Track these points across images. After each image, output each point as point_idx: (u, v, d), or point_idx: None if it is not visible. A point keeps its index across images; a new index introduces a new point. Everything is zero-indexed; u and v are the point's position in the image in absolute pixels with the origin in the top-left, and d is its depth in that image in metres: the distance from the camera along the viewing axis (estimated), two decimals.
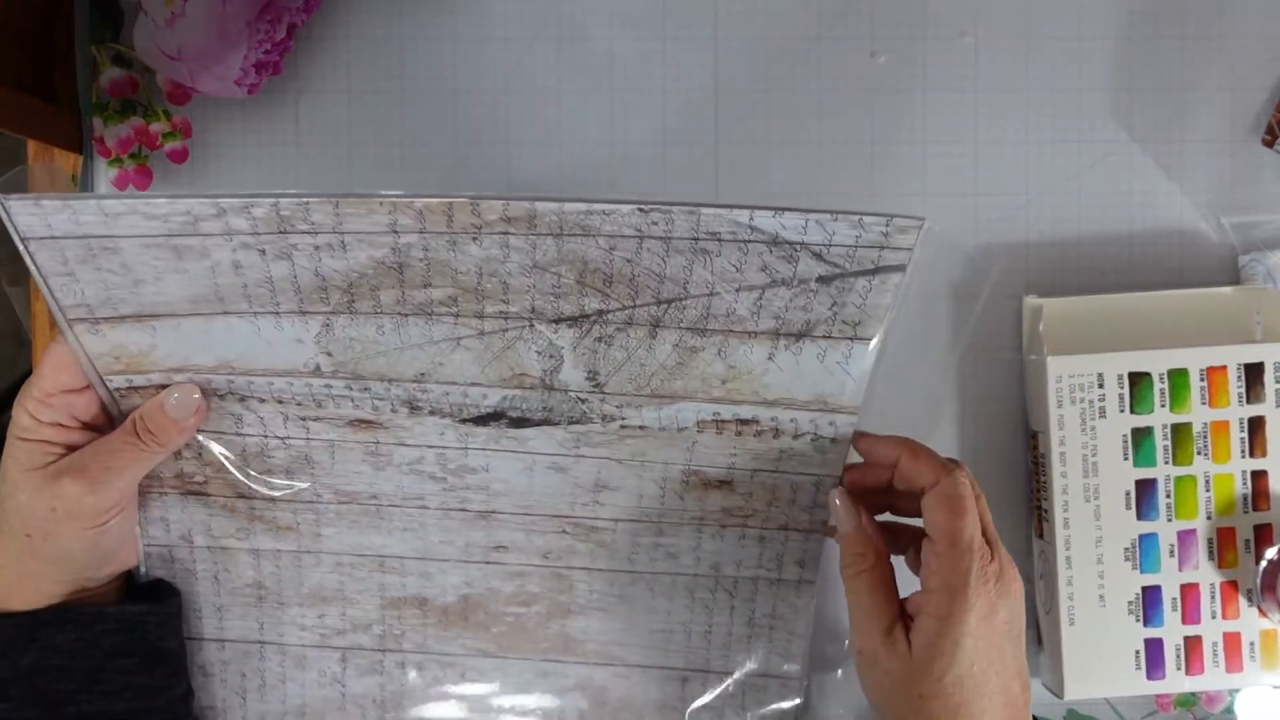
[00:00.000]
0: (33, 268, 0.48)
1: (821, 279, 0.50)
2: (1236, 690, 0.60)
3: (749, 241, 0.49)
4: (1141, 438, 0.57)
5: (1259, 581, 0.57)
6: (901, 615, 0.49)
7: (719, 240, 0.49)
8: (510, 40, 0.59)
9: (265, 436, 0.53)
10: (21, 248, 0.48)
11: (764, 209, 0.48)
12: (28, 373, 0.51)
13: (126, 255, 0.48)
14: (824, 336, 0.51)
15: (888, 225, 0.48)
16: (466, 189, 0.58)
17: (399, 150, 0.59)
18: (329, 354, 0.51)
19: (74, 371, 0.51)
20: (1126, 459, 0.57)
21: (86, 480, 0.49)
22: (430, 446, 0.54)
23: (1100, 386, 0.57)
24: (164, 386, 0.51)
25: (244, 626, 0.56)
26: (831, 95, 0.60)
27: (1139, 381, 0.57)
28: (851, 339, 0.51)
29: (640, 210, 0.48)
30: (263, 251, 0.48)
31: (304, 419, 0.53)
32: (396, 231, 0.48)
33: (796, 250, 0.49)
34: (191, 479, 0.54)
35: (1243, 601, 0.58)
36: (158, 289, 0.49)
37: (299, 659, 0.57)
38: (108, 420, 0.52)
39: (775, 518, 0.55)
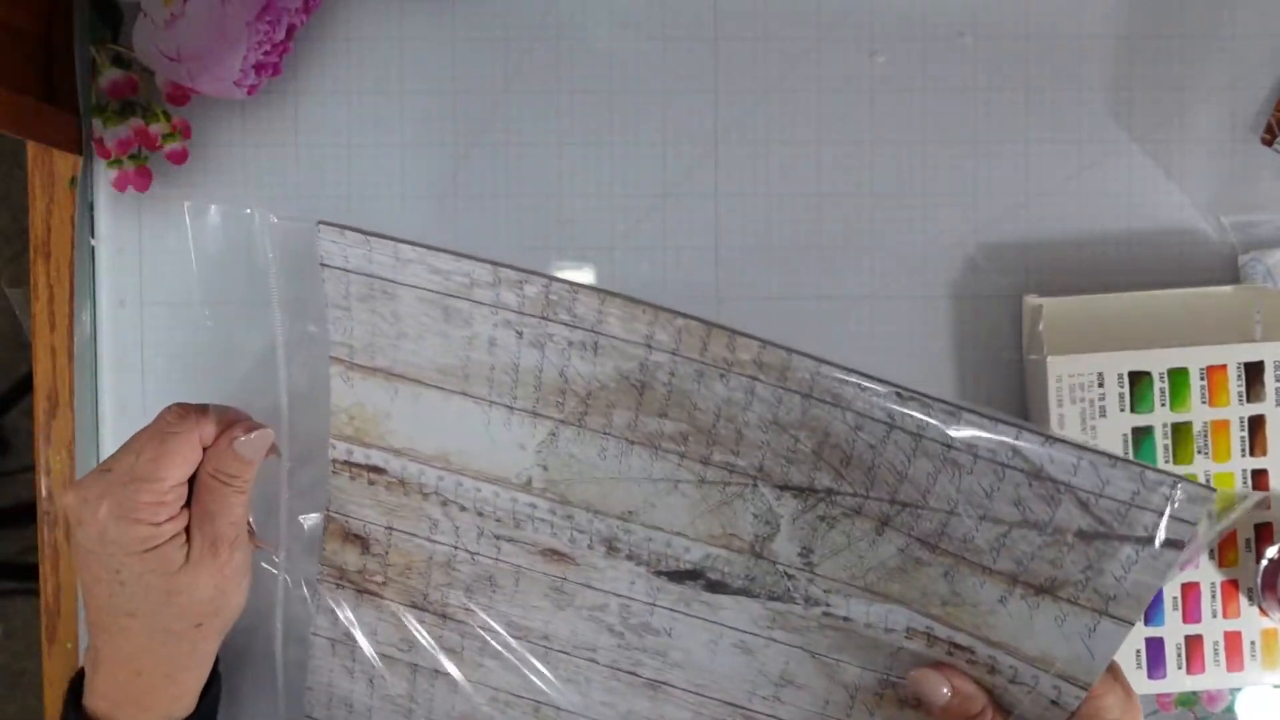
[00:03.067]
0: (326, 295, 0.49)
1: (1081, 533, 0.44)
2: (1237, 690, 0.60)
3: (1007, 466, 0.44)
4: (1142, 437, 0.57)
5: (1259, 580, 0.57)
6: None
7: (975, 456, 0.44)
8: (510, 40, 0.59)
9: (456, 548, 0.52)
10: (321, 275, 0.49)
11: (1034, 432, 0.43)
12: (28, 374, 0.51)
13: (401, 304, 0.48)
14: (1069, 601, 0.45)
15: (1173, 489, 0.42)
16: (466, 188, 0.58)
17: (399, 151, 0.59)
18: (544, 468, 0.50)
19: (190, 465, 0.49)
20: None
21: (232, 543, 0.49)
22: (617, 595, 0.51)
23: (1100, 386, 0.57)
24: (378, 471, 0.51)
25: None
26: (831, 95, 0.60)
27: (1139, 381, 0.57)
28: (1100, 613, 0.45)
29: (898, 395, 0.45)
30: (520, 334, 0.48)
31: (498, 538, 0.51)
32: (650, 346, 0.47)
33: (1060, 492, 0.44)
34: (372, 577, 0.53)
35: (1243, 601, 0.58)
36: (416, 348, 0.49)
37: None
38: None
39: None
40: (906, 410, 0.44)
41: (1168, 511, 0.43)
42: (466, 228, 0.59)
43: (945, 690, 0.48)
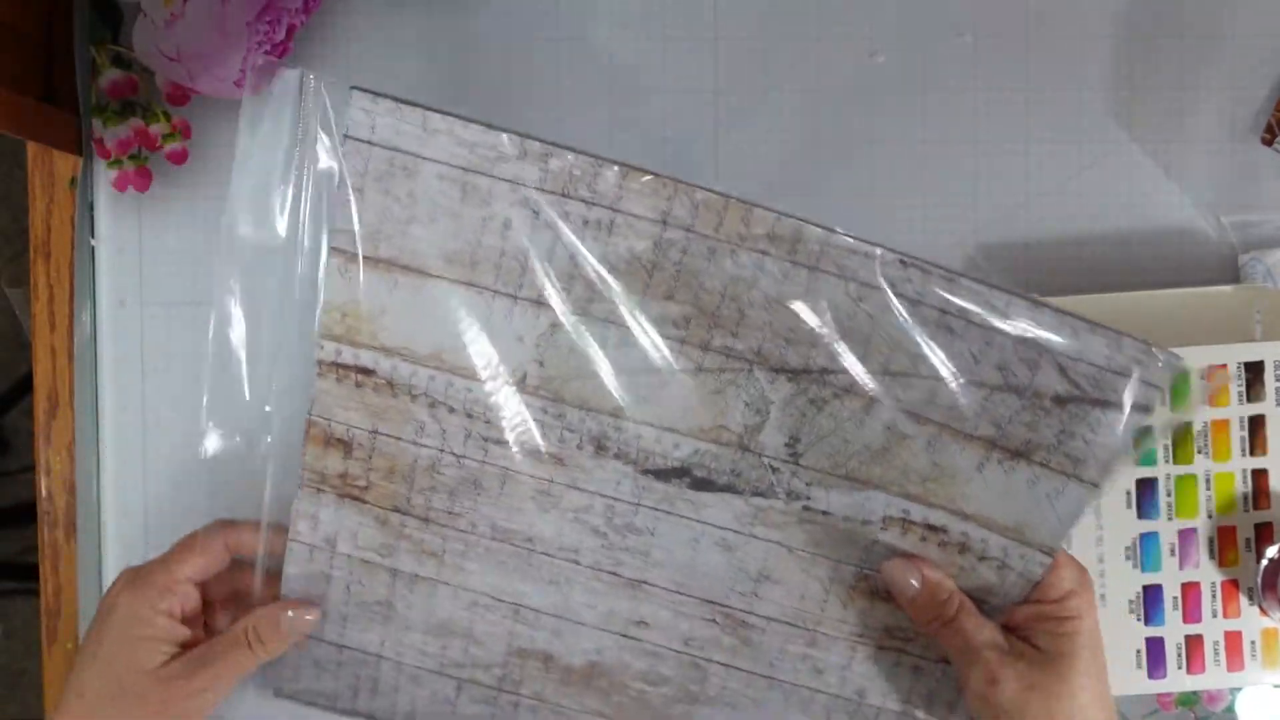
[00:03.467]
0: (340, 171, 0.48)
1: (1057, 398, 0.47)
2: (1238, 689, 0.60)
3: (995, 330, 0.47)
4: (1142, 437, 0.57)
5: (1260, 580, 0.57)
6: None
7: (967, 321, 0.47)
8: (510, 40, 0.59)
9: (442, 450, 0.51)
10: (339, 148, 0.48)
11: (1024, 298, 0.46)
12: (28, 374, 0.51)
13: (419, 182, 0.47)
14: (1041, 464, 0.48)
15: (1145, 355, 0.46)
16: None
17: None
18: (541, 363, 0.50)
19: (212, 564, 0.52)
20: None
21: (213, 688, 0.51)
22: (603, 495, 0.51)
23: None
24: (367, 372, 0.50)
25: (364, 639, 0.55)
26: (831, 95, 0.60)
27: None
28: (1069, 476, 0.48)
29: (901, 262, 0.47)
30: (536, 214, 0.47)
31: (486, 440, 0.51)
32: (666, 223, 0.47)
33: (1041, 356, 0.47)
34: (354, 481, 0.52)
35: (1244, 600, 0.58)
36: (425, 233, 0.48)
37: (414, 677, 0.55)
38: (199, 613, 0.53)
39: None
40: (908, 276, 0.46)
41: (1136, 374, 0.46)
42: None
43: (914, 580, 0.50)
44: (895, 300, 0.47)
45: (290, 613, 0.53)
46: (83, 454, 0.59)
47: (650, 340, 0.49)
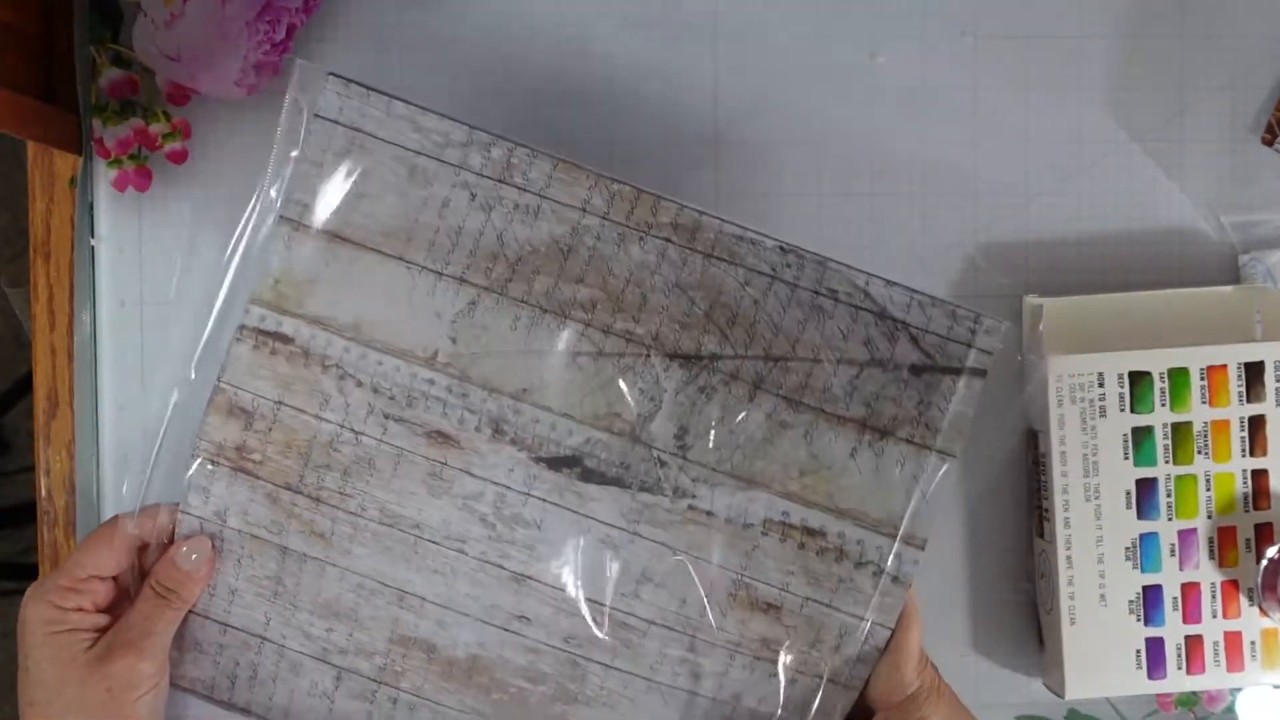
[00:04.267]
0: (301, 148, 0.53)
1: (914, 368, 0.52)
2: (1238, 690, 0.60)
3: (859, 308, 0.52)
4: (1142, 437, 0.57)
5: (1260, 581, 0.57)
6: None
7: (835, 300, 0.52)
8: (510, 40, 0.59)
9: (342, 426, 0.53)
10: (304, 126, 0.52)
11: (879, 278, 0.52)
12: (28, 374, 0.51)
13: (373, 160, 0.52)
14: (907, 440, 0.52)
15: (975, 322, 0.52)
16: None
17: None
18: (454, 340, 0.53)
19: (111, 556, 0.52)
20: (1127, 458, 0.57)
21: (136, 651, 0.51)
22: (494, 483, 0.53)
23: (1100, 386, 0.57)
24: (285, 340, 0.53)
25: (250, 617, 0.55)
26: (831, 95, 0.60)
27: (1139, 381, 0.57)
28: (932, 449, 0.52)
29: (781, 249, 0.52)
30: (473, 196, 0.52)
31: (387, 416, 0.53)
32: (585, 210, 0.52)
33: (898, 330, 0.52)
34: (249, 455, 0.54)
35: (1243, 601, 0.58)
36: (370, 208, 0.52)
37: (295, 665, 0.56)
38: (119, 602, 0.54)
39: (813, 663, 0.54)
40: (786, 262, 0.52)
41: (971, 342, 0.52)
42: None
43: None
44: (776, 284, 0.52)
45: (184, 548, 0.53)
46: (83, 454, 0.59)
47: (557, 321, 0.53)
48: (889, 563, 0.53)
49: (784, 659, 0.54)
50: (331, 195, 0.52)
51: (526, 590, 0.54)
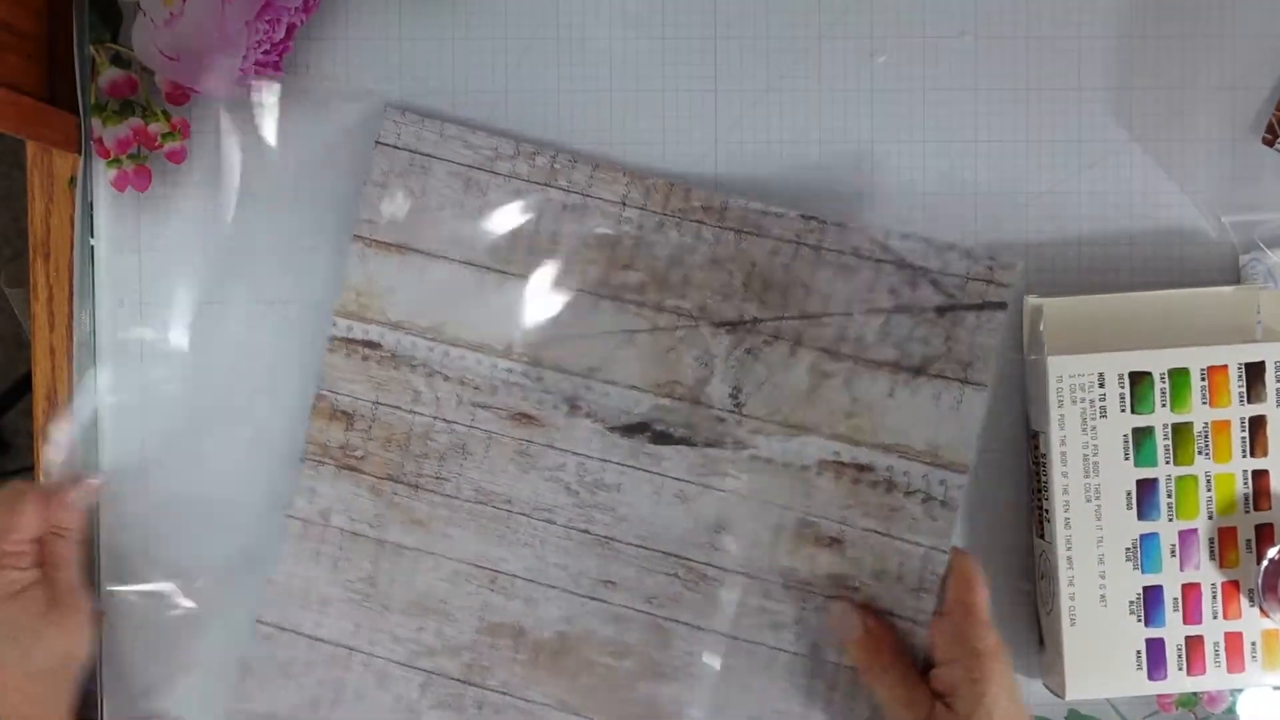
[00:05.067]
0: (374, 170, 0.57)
1: (938, 309, 0.56)
2: (1238, 690, 0.59)
3: (882, 261, 0.56)
4: (1142, 437, 0.57)
5: (1260, 581, 0.57)
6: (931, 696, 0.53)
7: (859, 256, 0.56)
8: (510, 40, 0.59)
9: (435, 418, 0.57)
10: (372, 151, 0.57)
11: (896, 231, 0.56)
12: (28, 374, 0.51)
13: (431, 178, 0.57)
14: (938, 376, 0.56)
15: (992, 261, 0.55)
16: None
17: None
18: (524, 330, 0.57)
19: (38, 515, 0.55)
20: (1127, 459, 0.57)
21: (71, 592, 0.55)
22: (575, 454, 0.57)
23: (1101, 386, 0.57)
24: (373, 346, 0.57)
25: (340, 627, 0.58)
26: (831, 95, 0.60)
27: (1139, 381, 0.57)
28: (963, 382, 0.56)
29: (802, 217, 0.56)
30: (523, 200, 0.57)
31: (475, 405, 0.57)
32: (625, 203, 0.57)
33: (919, 276, 0.56)
34: (353, 451, 0.57)
35: (1244, 601, 0.57)
36: (434, 220, 0.57)
37: (381, 675, 0.58)
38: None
39: (881, 596, 0.56)
40: (810, 228, 0.56)
41: (989, 278, 0.55)
42: None
43: (857, 625, 0.55)
44: (801, 249, 0.56)
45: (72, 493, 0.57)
46: (82, 454, 0.59)
47: (613, 304, 0.57)
48: (935, 488, 0.56)
49: (856, 597, 0.56)
50: (396, 212, 0.57)
51: (611, 553, 0.57)
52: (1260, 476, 0.58)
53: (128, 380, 0.59)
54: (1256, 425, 0.57)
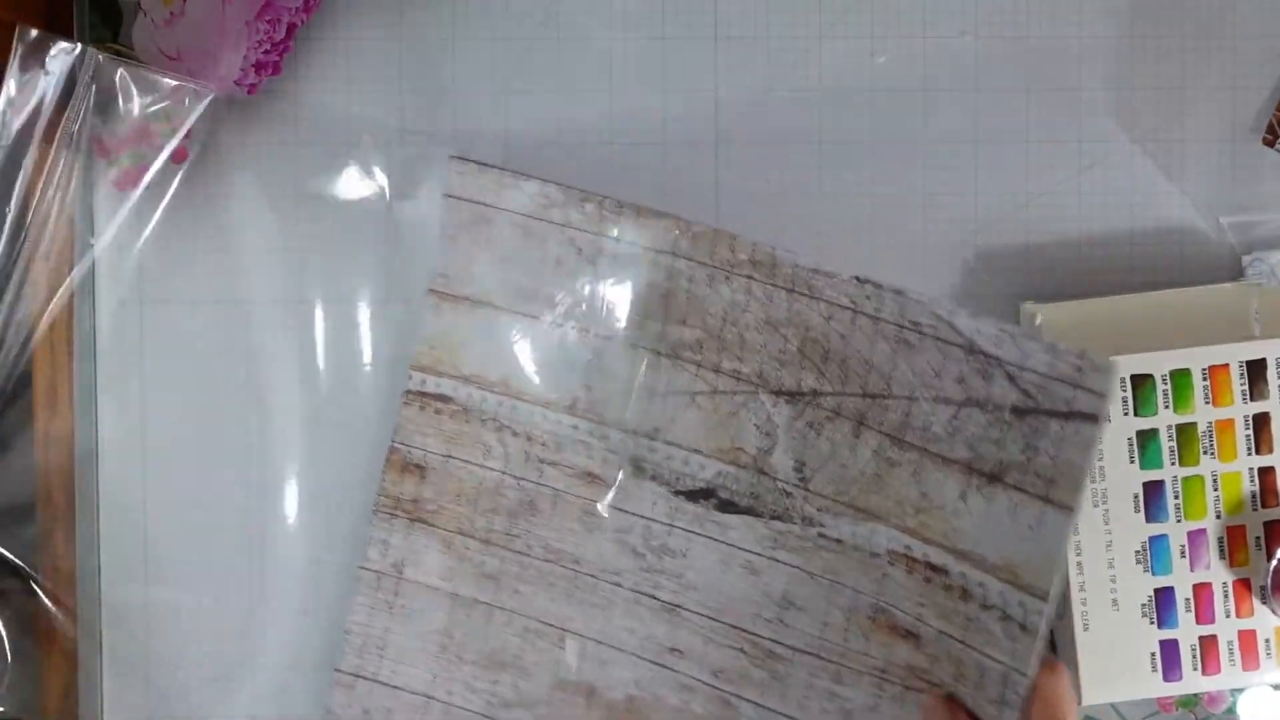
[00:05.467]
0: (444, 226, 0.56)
1: (1015, 410, 0.49)
2: (1239, 690, 0.59)
3: (947, 343, 0.50)
4: (1147, 440, 0.57)
5: (1269, 580, 0.56)
6: None
7: (920, 333, 0.50)
8: (510, 40, 0.59)
9: (504, 473, 0.56)
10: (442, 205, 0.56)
11: (963, 310, 0.50)
12: (27, 374, 0.50)
13: (494, 229, 0.55)
14: (1016, 487, 0.49)
15: (1080, 360, 0.47)
16: None
17: (398, 151, 0.59)
18: (589, 387, 0.55)
19: None
20: (1133, 462, 0.57)
21: None
22: (640, 516, 0.55)
23: None
24: (445, 400, 0.56)
25: (417, 676, 0.57)
26: (831, 95, 0.60)
27: (1141, 384, 0.57)
28: (1044, 500, 0.48)
29: (856, 280, 0.51)
30: (579, 250, 0.55)
31: (542, 461, 0.56)
32: (674, 253, 0.54)
33: (992, 367, 0.49)
34: (425, 505, 0.56)
35: (1256, 599, 0.57)
36: (497, 271, 0.56)
37: None
38: None
39: (962, 698, 0.51)
40: (865, 294, 0.51)
41: (1077, 382, 0.47)
42: None
43: None
44: (859, 318, 0.52)
45: None
46: (83, 454, 0.58)
47: (672, 363, 0.54)
48: (1013, 609, 0.49)
49: (932, 690, 0.52)
50: (466, 264, 0.56)
51: (679, 621, 0.55)
52: (1266, 474, 0.57)
53: (128, 380, 0.59)
54: (1260, 422, 0.57)
